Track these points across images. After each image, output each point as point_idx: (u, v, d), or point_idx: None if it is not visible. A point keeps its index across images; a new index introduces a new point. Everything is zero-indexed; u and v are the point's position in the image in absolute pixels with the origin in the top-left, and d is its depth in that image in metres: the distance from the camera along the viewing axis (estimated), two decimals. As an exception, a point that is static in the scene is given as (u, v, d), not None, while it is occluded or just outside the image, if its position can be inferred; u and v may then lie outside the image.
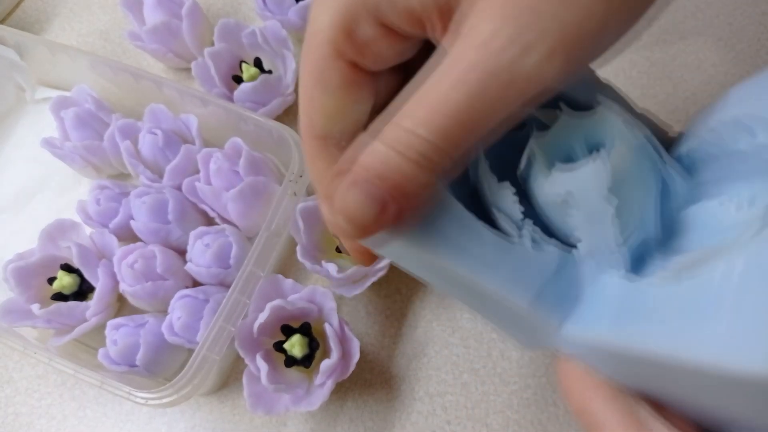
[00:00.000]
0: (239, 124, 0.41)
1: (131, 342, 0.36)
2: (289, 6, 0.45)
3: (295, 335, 0.35)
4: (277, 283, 0.36)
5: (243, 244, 0.39)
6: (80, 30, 0.52)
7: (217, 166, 0.39)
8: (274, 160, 0.42)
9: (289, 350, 0.34)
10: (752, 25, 0.47)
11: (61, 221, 0.41)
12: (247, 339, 0.35)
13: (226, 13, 0.52)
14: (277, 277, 0.36)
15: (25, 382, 0.42)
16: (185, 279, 0.39)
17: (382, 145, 0.19)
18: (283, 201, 0.37)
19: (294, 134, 0.39)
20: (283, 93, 0.44)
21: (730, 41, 0.47)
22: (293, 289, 0.36)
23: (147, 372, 0.37)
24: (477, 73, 0.18)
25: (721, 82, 0.46)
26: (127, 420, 0.40)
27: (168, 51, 0.46)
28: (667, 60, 0.47)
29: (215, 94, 0.44)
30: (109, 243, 0.40)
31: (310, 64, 0.22)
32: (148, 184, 0.41)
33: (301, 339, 0.34)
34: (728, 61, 0.46)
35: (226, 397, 0.40)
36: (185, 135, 0.43)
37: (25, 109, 0.49)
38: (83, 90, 0.44)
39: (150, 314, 0.38)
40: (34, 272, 0.39)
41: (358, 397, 0.39)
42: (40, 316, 0.38)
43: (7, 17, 0.54)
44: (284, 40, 0.44)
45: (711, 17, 0.48)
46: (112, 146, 0.43)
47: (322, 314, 0.36)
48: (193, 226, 0.39)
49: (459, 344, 0.40)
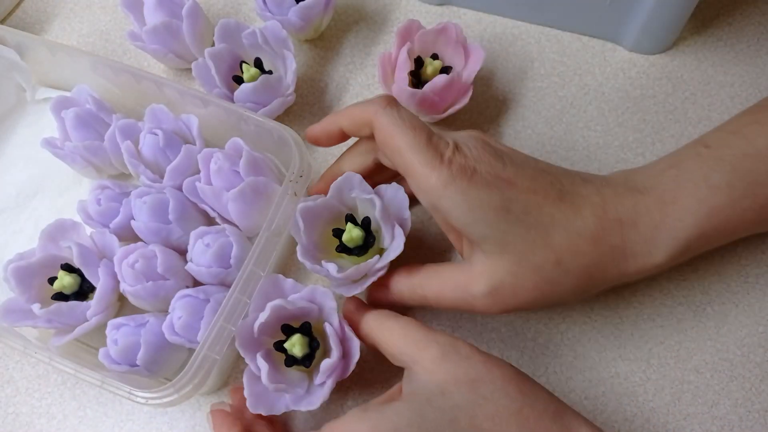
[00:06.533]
0: (240, 124, 0.41)
1: (132, 342, 0.36)
2: (289, 6, 0.45)
3: (295, 335, 0.35)
4: (277, 282, 0.36)
5: (243, 244, 0.39)
6: (81, 30, 0.53)
7: (217, 166, 0.39)
8: (274, 160, 0.42)
9: (290, 350, 0.34)
10: (752, 25, 0.48)
11: (62, 221, 0.41)
12: (247, 338, 0.35)
13: (227, 14, 0.52)
14: (278, 277, 0.36)
15: (25, 382, 0.42)
16: (186, 279, 0.39)
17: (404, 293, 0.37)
18: (284, 201, 0.37)
19: (294, 134, 0.39)
20: (283, 93, 0.44)
21: (730, 41, 0.47)
22: (293, 288, 0.36)
23: (147, 372, 0.37)
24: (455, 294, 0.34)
25: (720, 82, 0.46)
26: (127, 420, 0.40)
27: (168, 51, 0.46)
28: (666, 60, 0.47)
29: (216, 95, 0.44)
30: (110, 243, 0.40)
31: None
32: (148, 184, 0.41)
33: (301, 338, 0.34)
34: (728, 61, 0.46)
35: (226, 397, 0.40)
36: (186, 135, 0.43)
37: (25, 110, 0.49)
38: (84, 90, 0.44)
39: (151, 314, 0.38)
40: (34, 272, 0.39)
41: (358, 396, 0.39)
42: (41, 315, 0.38)
43: (7, 17, 0.54)
44: (284, 40, 0.44)
45: (711, 17, 0.48)
46: (112, 146, 0.43)
47: (322, 314, 0.36)
48: (193, 226, 0.39)
49: (459, 344, 0.40)
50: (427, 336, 0.32)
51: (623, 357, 0.39)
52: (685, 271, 0.41)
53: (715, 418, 0.38)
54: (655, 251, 0.33)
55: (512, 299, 0.33)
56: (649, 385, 0.38)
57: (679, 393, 0.38)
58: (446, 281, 0.35)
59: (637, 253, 0.33)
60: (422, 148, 0.32)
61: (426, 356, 0.31)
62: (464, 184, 0.32)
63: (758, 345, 0.39)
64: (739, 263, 0.41)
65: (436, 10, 0.50)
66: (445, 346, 0.31)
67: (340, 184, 0.37)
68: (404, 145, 0.33)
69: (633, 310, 0.40)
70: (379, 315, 0.35)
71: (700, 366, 0.39)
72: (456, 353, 0.31)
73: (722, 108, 0.45)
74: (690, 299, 0.40)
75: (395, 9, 0.50)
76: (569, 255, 0.33)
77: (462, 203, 0.32)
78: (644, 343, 0.39)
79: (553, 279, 0.33)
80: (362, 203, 0.37)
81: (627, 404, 0.38)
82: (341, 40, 0.50)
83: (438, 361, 0.31)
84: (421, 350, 0.31)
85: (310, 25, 0.46)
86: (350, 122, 0.36)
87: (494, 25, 0.49)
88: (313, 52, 0.50)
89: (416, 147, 0.32)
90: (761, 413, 0.37)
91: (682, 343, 0.39)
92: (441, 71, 0.43)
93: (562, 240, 0.33)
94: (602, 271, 0.33)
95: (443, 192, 0.32)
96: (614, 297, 0.40)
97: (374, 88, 0.48)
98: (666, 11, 0.42)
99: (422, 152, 0.32)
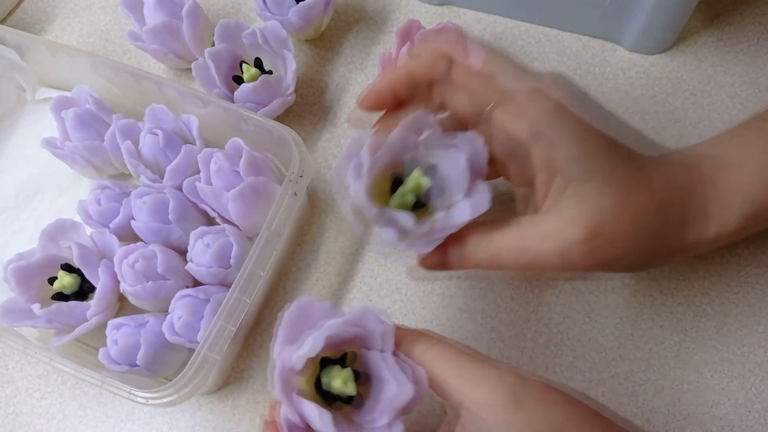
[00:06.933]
0: (240, 124, 0.41)
1: (132, 342, 0.36)
2: (289, 6, 0.45)
3: (335, 367, 0.28)
4: (310, 308, 0.28)
5: (243, 244, 0.39)
6: (81, 30, 0.53)
7: (217, 166, 0.39)
8: (274, 160, 0.42)
9: (341, 387, 0.27)
10: (752, 25, 0.48)
11: (62, 221, 0.41)
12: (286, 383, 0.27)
13: (227, 14, 0.52)
14: (310, 301, 0.29)
15: (25, 382, 0.42)
16: (186, 279, 0.39)
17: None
18: (284, 201, 0.37)
19: (294, 134, 0.39)
20: (283, 93, 0.44)
21: (730, 41, 0.47)
22: (328, 313, 0.29)
23: (148, 372, 0.37)
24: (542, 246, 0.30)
25: (720, 82, 0.46)
26: (127, 420, 0.40)
27: (168, 51, 0.46)
28: (666, 60, 0.47)
29: (216, 95, 0.44)
30: (110, 243, 0.40)
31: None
32: (148, 184, 0.41)
33: (346, 372, 0.27)
34: (728, 61, 0.46)
35: (226, 397, 0.40)
36: (186, 135, 0.43)
37: (25, 110, 0.49)
38: (84, 90, 0.44)
39: (151, 314, 0.38)
40: (34, 272, 0.39)
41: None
42: (41, 315, 0.38)
43: (7, 17, 0.54)
44: (284, 40, 0.44)
45: (711, 17, 0.48)
46: (112, 146, 0.43)
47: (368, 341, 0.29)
48: (193, 226, 0.39)
49: (459, 344, 0.40)
50: (488, 373, 0.27)
51: (623, 357, 0.39)
52: (685, 271, 0.41)
53: (715, 418, 0.38)
54: (730, 214, 0.32)
55: (611, 247, 0.29)
56: (649, 385, 0.38)
57: (679, 393, 0.38)
58: (530, 233, 0.30)
59: (715, 214, 0.32)
60: (521, 74, 0.30)
61: (495, 401, 0.26)
62: (571, 111, 0.29)
63: (758, 345, 0.39)
64: (739, 263, 0.41)
65: (436, 10, 0.50)
66: (514, 387, 0.26)
67: (412, 122, 0.30)
68: (499, 70, 0.30)
69: (633, 310, 0.40)
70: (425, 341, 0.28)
71: (700, 366, 0.39)
72: (530, 396, 0.26)
73: (722, 108, 0.45)
74: (690, 299, 0.40)
75: (395, 9, 0.50)
76: (668, 204, 0.30)
77: (574, 132, 0.29)
78: (644, 343, 0.39)
79: (653, 228, 0.30)
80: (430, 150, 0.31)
81: (627, 404, 0.38)
82: (341, 40, 0.50)
83: (511, 408, 0.26)
84: (485, 392, 0.26)
85: (310, 25, 0.46)
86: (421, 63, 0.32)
87: (494, 25, 0.49)
88: (313, 52, 0.50)
89: (514, 73, 0.30)
90: (761, 413, 0.37)
91: (682, 343, 0.39)
92: (441, 71, 0.43)
93: (662, 187, 0.30)
94: (686, 230, 0.31)
95: (555, 117, 0.29)
96: (614, 297, 0.40)
97: (374, 88, 0.48)
98: (666, 11, 0.42)
99: (524, 78, 0.30)
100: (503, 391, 0.26)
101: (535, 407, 0.26)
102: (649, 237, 0.30)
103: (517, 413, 0.26)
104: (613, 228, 0.29)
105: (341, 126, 0.47)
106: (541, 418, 0.26)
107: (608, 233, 0.29)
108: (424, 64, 0.32)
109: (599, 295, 0.40)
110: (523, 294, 0.41)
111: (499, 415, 0.26)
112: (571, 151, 0.29)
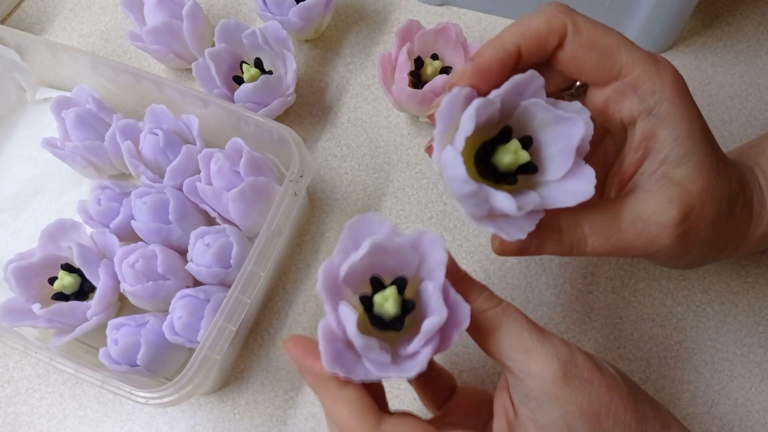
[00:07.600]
0: (240, 124, 0.41)
1: (132, 341, 0.36)
2: (289, 6, 0.45)
3: (388, 288, 0.27)
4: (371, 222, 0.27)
5: (244, 244, 0.39)
6: (81, 30, 0.53)
7: (217, 166, 0.39)
8: (274, 160, 0.42)
9: (380, 306, 0.27)
10: (752, 25, 0.48)
11: (62, 221, 0.41)
12: (331, 282, 0.27)
13: (227, 14, 0.52)
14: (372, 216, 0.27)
15: (25, 382, 0.42)
16: (186, 279, 0.39)
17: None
18: (284, 201, 0.37)
19: (294, 134, 0.39)
20: (283, 93, 0.44)
21: (730, 41, 0.47)
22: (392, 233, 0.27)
23: (148, 371, 0.37)
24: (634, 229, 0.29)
25: (720, 82, 0.46)
26: (127, 419, 0.40)
27: (168, 51, 0.46)
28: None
29: (216, 95, 0.44)
30: (110, 243, 0.40)
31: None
32: (149, 184, 0.41)
33: (395, 294, 0.27)
34: (728, 61, 0.46)
35: (226, 397, 0.40)
36: (186, 135, 0.43)
37: (25, 110, 0.49)
38: (84, 90, 0.44)
39: (151, 314, 0.38)
40: (34, 272, 0.39)
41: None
42: (41, 315, 0.38)
43: (7, 17, 0.54)
44: (284, 40, 0.44)
45: (711, 17, 0.48)
46: (112, 146, 0.43)
47: (421, 269, 0.28)
48: (193, 226, 0.39)
49: (459, 344, 0.40)
50: (543, 346, 0.27)
51: (623, 357, 0.39)
52: (685, 271, 0.41)
53: (715, 418, 0.38)
54: None
55: (694, 232, 0.29)
56: (649, 385, 0.38)
57: (679, 393, 0.38)
58: (620, 216, 0.30)
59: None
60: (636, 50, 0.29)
61: (546, 373, 0.27)
62: (686, 88, 0.29)
63: (758, 345, 0.39)
64: (739, 263, 0.41)
65: (436, 10, 0.50)
66: (566, 363, 0.27)
67: (520, 83, 0.27)
68: (615, 43, 0.29)
69: (633, 310, 0.40)
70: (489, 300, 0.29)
71: (700, 366, 0.39)
72: (578, 376, 0.27)
73: (722, 108, 0.45)
74: (690, 299, 0.40)
75: (395, 9, 0.51)
76: (738, 193, 0.31)
77: (685, 112, 0.29)
78: (644, 343, 0.39)
79: (726, 215, 0.30)
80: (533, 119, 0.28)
81: (627, 404, 0.38)
82: (341, 40, 0.50)
83: (560, 383, 0.27)
84: (538, 364, 0.27)
85: (310, 26, 0.46)
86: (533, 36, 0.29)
87: (494, 25, 0.49)
88: (313, 52, 0.50)
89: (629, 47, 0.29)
90: (761, 413, 0.37)
91: (682, 343, 0.39)
92: (441, 71, 0.43)
93: (733, 176, 0.31)
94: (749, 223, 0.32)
95: (671, 96, 0.29)
96: (614, 297, 0.40)
97: (374, 88, 0.48)
98: (666, 11, 0.42)
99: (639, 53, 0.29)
100: (555, 366, 0.27)
101: (582, 388, 0.27)
102: (721, 226, 0.30)
103: (563, 390, 0.27)
104: (698, 213, 0.29)
105: (341, 126, 0.47)
106: (584, 399, 0.27)
107: (694, 217, 0.29)
108: (537, 36, 0.29)
109: (599, 295, 0.40)
110: (523, 294, 0.41)
111: (547, 388, 0.27)
112: (676, 131, 0.29)
